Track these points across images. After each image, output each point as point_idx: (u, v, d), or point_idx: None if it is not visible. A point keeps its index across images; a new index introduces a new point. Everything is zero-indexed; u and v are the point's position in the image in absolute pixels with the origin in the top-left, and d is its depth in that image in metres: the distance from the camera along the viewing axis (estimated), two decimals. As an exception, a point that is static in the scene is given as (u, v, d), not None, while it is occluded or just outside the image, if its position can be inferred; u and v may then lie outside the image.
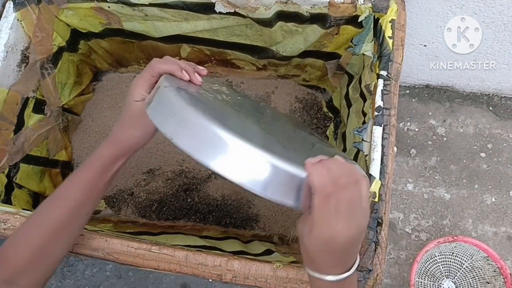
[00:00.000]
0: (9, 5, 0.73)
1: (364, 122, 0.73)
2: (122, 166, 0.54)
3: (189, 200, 0.96)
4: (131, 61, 1.01)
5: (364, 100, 0.75)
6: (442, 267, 0.96)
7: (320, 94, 1.02)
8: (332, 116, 0.99)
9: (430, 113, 1.06)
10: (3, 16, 0.73)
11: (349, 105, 0.86)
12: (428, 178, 1.01)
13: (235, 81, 1.04)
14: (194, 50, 0.94)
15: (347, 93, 0.87)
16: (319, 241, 0.37)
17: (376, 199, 0.61)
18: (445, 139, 1.04)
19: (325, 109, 1.00)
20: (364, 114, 0.74)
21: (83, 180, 0.51)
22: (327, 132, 0.97)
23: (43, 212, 0.50)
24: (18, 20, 0.74)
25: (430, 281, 0.95)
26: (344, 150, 0.84)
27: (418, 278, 0.93)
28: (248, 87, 1.03)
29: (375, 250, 0.59)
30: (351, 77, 0.87)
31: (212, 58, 0.98)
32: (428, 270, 0.95)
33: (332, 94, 0.98)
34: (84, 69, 0.96)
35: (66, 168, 0.96)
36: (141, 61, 1.01)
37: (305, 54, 0.88)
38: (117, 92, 1.03)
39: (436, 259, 0.95)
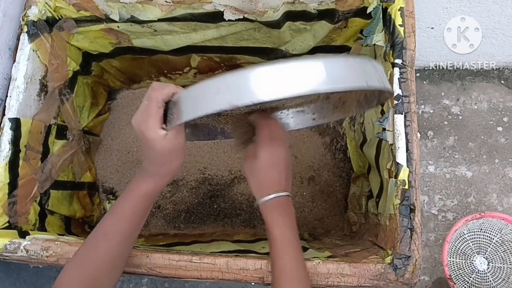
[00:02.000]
0: (24, 37, 0.75)
1: (382, 111, 0.74)
2: None
3: (215, 206, 0.97)
4: (142, 76, 1.03)
5: (380, 89, 0.76)
6: (472, 244, 0.96)
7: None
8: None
9: (442, 94, 1.06)
10: (19, 48, 0.74)
11: (363, 95, 0.87)
12: (448, 158, 1.02)
13: (246, 84, 1.05)
14: (204, 59, 0.95)
15: (360, 84, 0.88)
16: (263, 161, 0.53)
17: (406, 186, 0.61)
18: (460, 117, 1.04)
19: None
20: (382, 104, 0.74)
21: (128, 216, 0.53)
22: (343, 124, 0.98)
23: (94, 247, 0.52)
24: (33, 50, 0.75)
25: (461, 259, 0.96)
26: (364, 140, 0.85)
27: (450, 258, 0.94)
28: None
29: (411, 237, 0.60)
30: (362, 68, 0.88)
31: (222, 65, 0.99)
32: (459, 248, 0.96)
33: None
34: (99, 90, 0.98)
35: (92, 189, 0.98)
36: (153, 75, 1.02)
37: (314, 50, 0.89)
38: (132, 109, 1.04)
39: (465, 237, 0.96)
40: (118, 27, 0.82)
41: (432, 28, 0.90)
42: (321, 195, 0.96)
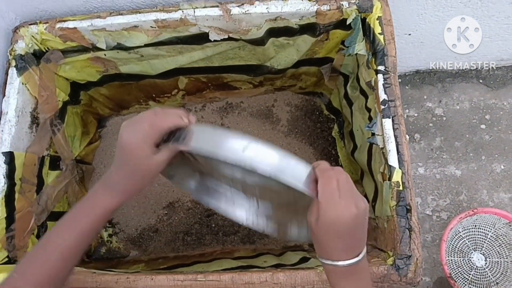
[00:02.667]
0: (12, 71, 0.75)
1: (370, 117, 0.76)
2: None
3: (213, 225, 0.97)
4: (131, 102, 1.04)
5: (366, 96, 0.78)
6: (468, 241, 0.98)
7: (318, 99, 1.05)
8: (334, 118, 1.02)
9: (425, 97, 1.09)
10: (8, 82, 0.75)
11: (350, 104, 0.89)
12: (436, 159, 1.04)
13: (235, 102, 1.06)
14: (191, 80, 0.97)
15: (346, 93, 0.90)
16: (326, 224, 0.41)
17: (401, 188, 0.63)
18: (444, 118, 1.07)
19: (326, 112, 1.03)
20: (369, 110, 0.77)
21: (86, 231, 0.48)
22: (333, 134, 1.00)
23: (39, 255, 0.48)
24: (23, 83, 0.76)
25: (459, 257, 0.97)
26: (355, 147, 0.87)
27: (448, 256, 0.95)
28: (248, 105, 1.06)
29: (410, 236, 0.62)
30: (346, 77, 0.91)
31: (209, 84, 1.00)
32: (456, 246, 0.97)
33: (330, 96, 1.02)
34: (89, 118, 0.98)
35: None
36: (141, 100, 1.03)
37: (298, 63, 0.91)
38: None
39: (461, 235, 0.97)
40: (105, 55, 0.84)
41: (410, 34, 0.94)
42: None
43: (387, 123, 0.67)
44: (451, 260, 0.97)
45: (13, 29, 0.77)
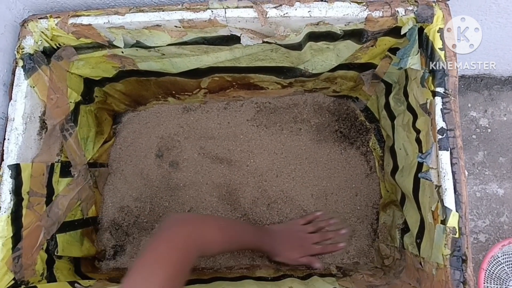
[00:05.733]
0: (19, 72, 0.67)
1: (418, 140, 0.67)
2: None
3: (233, 236, 0.91)
4: (149, 98, 0.95)
5: (414, 114, 0.69)
6: (508, 268, 0.91)
7: (352, 103, 0.95)
8: (370, 126, 0.93)
9: (469, 105, 0.99)
10: (15, 85, 0.67)
11: (391, 116, 0.80)
12: (478, 175, 0.96)
13: (260, 101, 0.98)
14: (215, 79, 0.88)
15: (387, 103, 0.81)
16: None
17: (457, 235, 0.55)
18: (489, 130, 0.98)
19: (362, 118, 0.94)
20: (417, 131, 0.68)
21: (244, 244, 0.77)
22: (370, 145, 0.92)
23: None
24: (31, 86, 0.68)
25: (496, 284, 0.90)
26: (396, 167, 0.78)
27: (485, 283, 0.89)
28: (275, 106, 0.97)
29: (463, 290, 0.54)
30: (389, 86, 0.81)
31: (234, 83, 0.91)
32: (493, 273, 0.90)
33: (367, 102, 0.92)
34: (103, 116, 0.90)
35: (94, 223, 0.91)
36: (160, 96, 0.95)
37: (335, 67, 0.82)
38: (137, 131, 0.97)
39: (499, 260, 0.90)
40: (122, 52, 0.75)
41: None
42: (345, 220, 0.90)
43: (444, 156, 0.58)
44: (488, 286, 0.90)
45: (21, 22, 0.69)
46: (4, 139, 0.66)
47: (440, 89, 0.60)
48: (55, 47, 0.71)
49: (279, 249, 0.82)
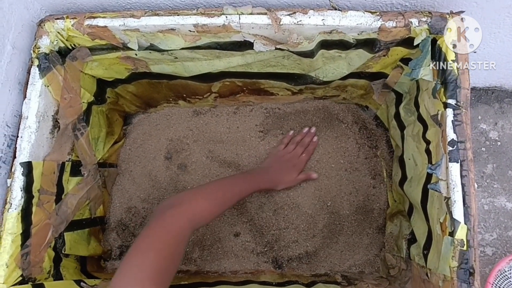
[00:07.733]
0: (35, 71, 0.68)
1: (428, 151, 0.67)
2: None
3: (239, 241, 0.91)
4: (160, 100, 0.96)
5: (424, 125, 0.69)
6: (514, 282, 0.90)
7: (362, 112, 0.95)
8: (380, 135, 0.93)
9: (479, 117, 0.99)
10: (30, 83, 0.68)
11: (401, 126, 0.80)
12: (486, 188, 0.95)
13: (270, 107, 0.98)
14: (225, 84, 0.89)
15: (397, 113, 0.81)
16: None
17: (465, 248, 0.55)
18: (499, 143, 0.97)
19: (371, 127, 0.94)
20: (427, 142, 0.68)
21: (241, 194, 0.77)
22: (379, 154, 0.91)
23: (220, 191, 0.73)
24: (45, 86, 0.69)
25: (502, 297, 0.90)
26: (404, 177, 0.78)
27: (491, 297, 0.88)
28: (284, 112, 0.97)
29: (470, 304, 0.54)
30: (399, 96, 0.81)
31: (244, 88, 0.92)
32: (500, 286, 0.90)
33: (377, 111, 0.92)
34: (114, 117, 0.91)
35: (102, 223, 0.91)
36: (171, 99, 0.96)
37: (346, 76, 0.82)
38: (147, 133, 0.98)
39: (506, 275, 0.90)
40: (136, 54, 0.76)
41: (475, 52, 0.83)
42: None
43: (454, 168, 0.58)
44: (493, 300, 0.89)
45: (38, 22, 0.70)
46: (17, 136, 0.67)
47: (451, 101, 0.60)
48: (70, 47, 0.72)
49: (278, 178, 0.87)
